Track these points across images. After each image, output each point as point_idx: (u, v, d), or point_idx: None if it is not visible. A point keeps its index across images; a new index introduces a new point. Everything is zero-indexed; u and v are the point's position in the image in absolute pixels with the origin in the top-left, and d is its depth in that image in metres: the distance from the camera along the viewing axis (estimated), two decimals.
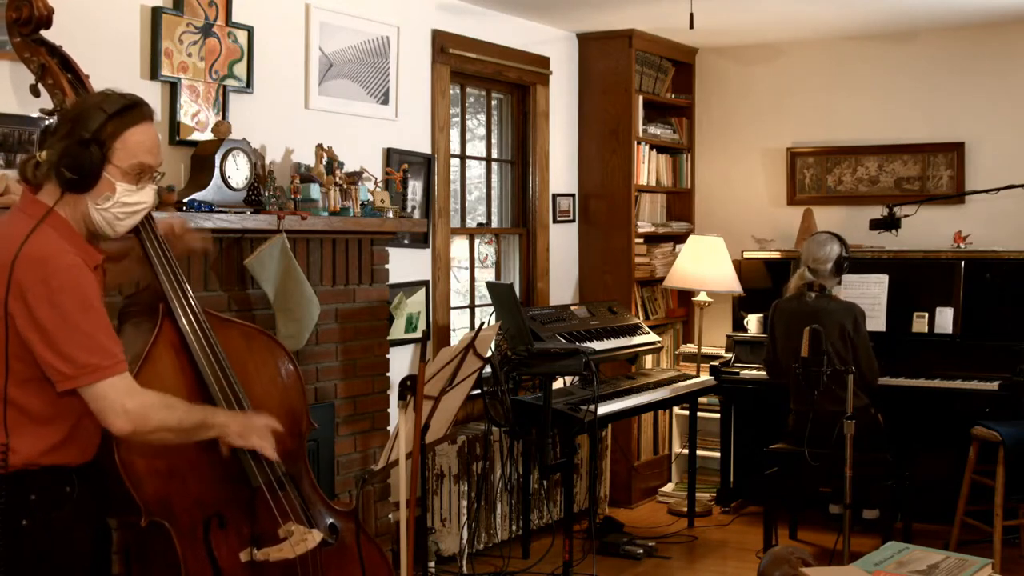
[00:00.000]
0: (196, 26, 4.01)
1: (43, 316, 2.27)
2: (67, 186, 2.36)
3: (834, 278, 5.11)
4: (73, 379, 2.31)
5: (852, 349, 4.93)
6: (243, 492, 2.79)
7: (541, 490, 5.55)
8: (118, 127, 2.39)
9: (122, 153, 2.39)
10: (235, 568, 2.76)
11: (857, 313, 5.01)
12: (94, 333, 2.32)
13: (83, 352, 2.30)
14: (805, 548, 5.18)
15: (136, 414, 2.37)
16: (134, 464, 2.61)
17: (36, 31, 2.61)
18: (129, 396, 2.37)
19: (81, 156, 2.34)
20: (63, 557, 2.41)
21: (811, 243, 5.17)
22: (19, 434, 2.33)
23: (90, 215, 2.41)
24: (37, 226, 2.31)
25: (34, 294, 2.26)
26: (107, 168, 2.38)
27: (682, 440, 6.51)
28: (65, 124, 2.39)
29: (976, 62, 6.16)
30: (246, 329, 3.02)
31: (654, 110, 6.65)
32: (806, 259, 5.13)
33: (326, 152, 4.36)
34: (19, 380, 2.33)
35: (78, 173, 2.35)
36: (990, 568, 2.36)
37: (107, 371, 2.33)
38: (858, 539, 5.14)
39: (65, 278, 2.29)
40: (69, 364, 2.29)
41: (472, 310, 5.85)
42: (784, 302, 5.18)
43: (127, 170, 2.41)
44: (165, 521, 2.66)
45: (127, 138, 2.40)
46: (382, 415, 4.66)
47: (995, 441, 4.92)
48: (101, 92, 2.49)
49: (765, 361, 5.35)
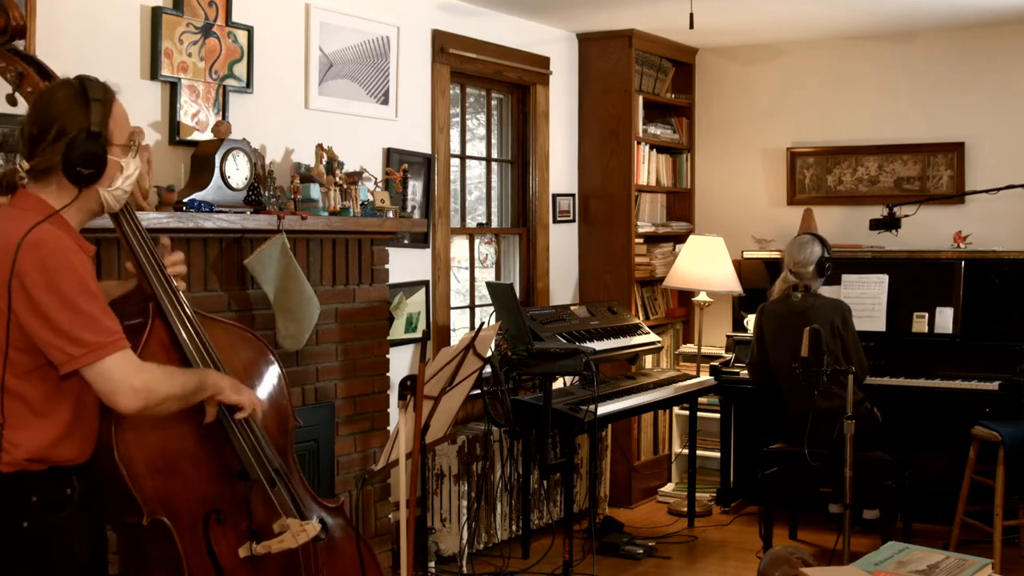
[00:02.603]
0: (196, 26, 4.01)
1: (42, 299, 2.28)
2: (85, 182, 2.39)
3: (817, 279, 5.12)
4: (77, 359, 2.31)
5: (842, 344, 4.94)
6: (240, 487, 2.80)
7: (541, 490, 5.55)
8: (108, 109, 2.43)
9: (118, 131, 2.45)
10: (235, 564, 2.77)
11: (844, 309, 5.04)
12: (93, 312, 2.33)
13: (85, 331, 2.31)
14: (805, 548, 5.18)
15: (144, 390, 2.39)
16: (134, 463, 2.61)
17: (11, 41, 2.61)
18: (135, 373, 2.38)
19: (94, 149, 2.38)
20: (63, 559, 2.41)
21: (792, 246, 5.18)
22: (19, 426, 2.33)
23: (100, 200, 2.46)
24: (42, 222, 2.32)
25: (32, 279, 2.27)
26: (110, 150, 2.43)
27: (682, 440, 6.51)
28: (48, 128, 2.37)
29: (976, 62, 6.16)
30: (229, 327, 3.02)
31: (654, 110, 6.65)
32: (788, 262, 5.15)
33: (326, 152, 4.36)
34: (19, 372, 2.33)
35: (95, 166, 2.39)
36: (990, 568, 2.36)
37: (110, 348, 2.34)
38: (858, 539, 5.14)
39: (61, 260, 2.30)
40: (72, 344, 2.30)
41: (472, 310, 5.85)
42: (771, 304, 5.19)
43: (124, 144, 2.48)
44: (166, 519, 2.66)
45: (116, 115, 2.45)
46: (382, 415, 4.66)
47: (995, 441, 4.92)
48: (60, 86, 2.47)
49: (749, 364, 5.35)
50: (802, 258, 5.09)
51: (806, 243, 5.13)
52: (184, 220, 3.63)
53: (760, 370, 5.24)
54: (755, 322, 5.28)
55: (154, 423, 2.63)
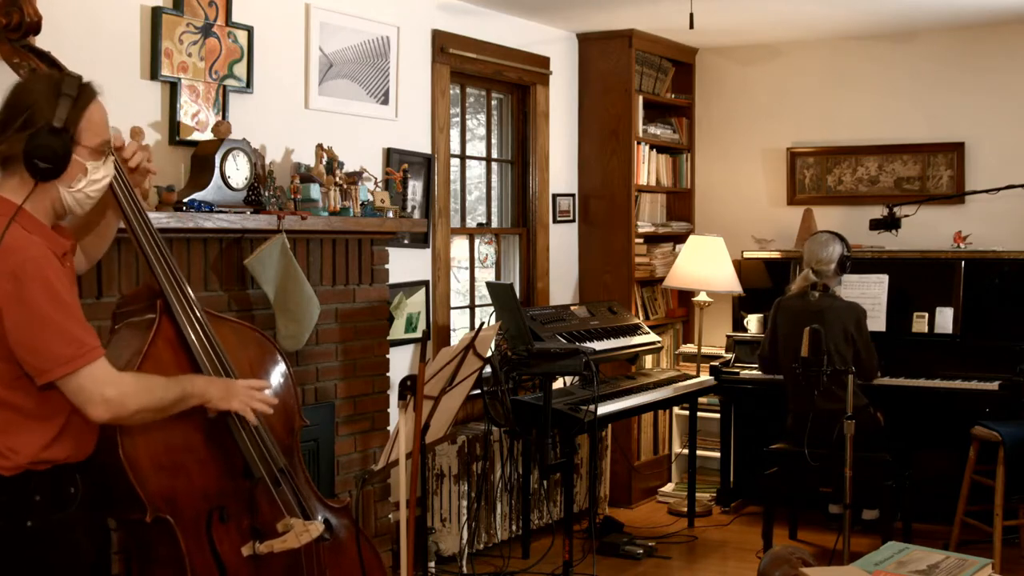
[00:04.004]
0: (196, 26, 4.00)
1: (12, 312, 2.25)
2: (41, 176, 2.34)
3: (837, 277, 5.12)
4: (48, 372, 2.29)
5: (854, 348, 4.94)
6: (244, 485, 2.81)
7: (541, 490, 5.55)
8: (82, 109, 2.37)
9: (88, 133, 2.38)
10: (238, 562, 2.77)
11: (860, 313, 5.02)
12: (64, 323, 2.30)
13: (56, 344, 2.28)
14: (805, 548, 5.18)
15: (115, 402, 2.36)
16: (139, 460, 2.62)
17: (25, 37, 2.61)
18: (107, 385, 2.35)
19: (54, 144, 2.32)
20: (67, 558, 2.41)
21: (813, 244, 5.15)
22: (16, 432, 2.33)
23: (60, 199, 2.40)
24: (8, 225, 2.27)
25: (2, 291, 2.25)
26: (76, 150, 2.37)
27: (682, 440, 6.51)
28: (17, 115, 2.34)
29: (976, 62, 6.16)
30: (238, 326, 3.03)
31: (654, 110, 6.65)
32: (809, 260, 5.12)
33: (326, 152, 4.36)
34: (6, 381, 2.31)
35: (53, 162, 2.33)
36: (990, 568, 2.36)
37: (81, 360, 2.31)
38: (858, 539, 5.14)
39: (32, 269, 2.26)
40: (42, 358, 2.28)
41: (472, 310, 5.85)
42: (787, 300, 5.17)
43: (95, 148, 2.41)
44: (170, 516, 2.66)
45: (90, 117, 2.39)
46: (382, 415, 4.66)
47: (995, 441, 4.92)
48: (43, 76, 2.45)
49: (760, 356, 5.34)
50: (824, 256, 5.07)
51: (827, 241, 5.11)
52: (184, 220, 3.62)
53: (771, 363, 5.22)
54: (770, 316, 5.26)
55: (159, 421, 2.63)
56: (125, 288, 3.51)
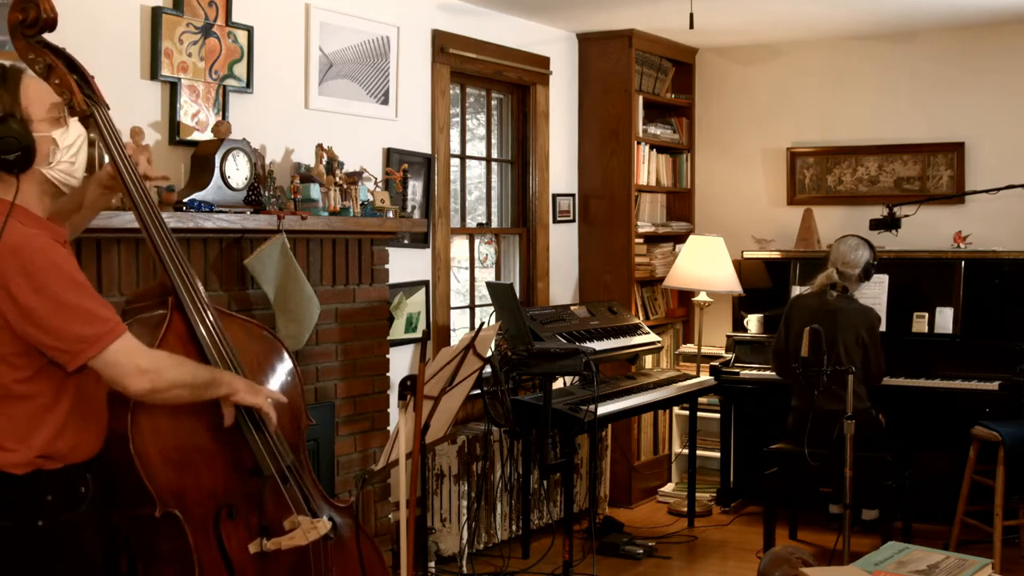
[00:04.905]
0: (196, 26, 4.00)
1: (32, 304, 2.26)
2: (17, 167, 2.32)
3: (859, 283, 5.14)
4: (80, 354, 2.31)
5: (863, 352, 4.94)
6: (252, 483, 2.82)
7: (541, 490, 5.55)
8: (14, 88, 2.34)
9: (35, 107, 2.36)
10: (245, 560, 2.77)
11: (874, 319, 5.04)
12: (84, 304, 2.31)
13: (80, 325, 2.30)
14: (805, 548, 5.18)
15: (152, 370, 2.39)
16: (149, 454, 2.62)
17: (40, 33, 2.60)
18: (139, 355, 2.39)
19: (10, 133, 2.30)
20: (77, 557, 2.41)
21: (842, 245, 5.16)
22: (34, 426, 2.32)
23: (47, 181, 2.39)
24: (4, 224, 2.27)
25: (17, 285, 2.25)
26: (33, 127, 2.34)
27: (682, 440, 6.51)
28: None
29: (976, 62, 6.16)
30: (247, 324, 3.04)
31: (654, 110, 6.65)
32: (835, 260, 5.12)
33: (326, 152, 4.36)
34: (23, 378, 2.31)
35: (19, 149, 2.31)
36: (990, 568, 2.36)
37: (109, 336, 2.33)
38: (858, 539, 5.14)
39: (41, 260, 2.27)
40: (70, 341, 2.29)
41: (472, 310, 5.85)
42: (803, 298, 5.17)
43: (49, 117, 2.38)
44: (178, 511, 2.67)
45: (26, 92, 2.36)
46: (382, 415, 4.66)
47: (995, 441, 4.92)
48: None
49: (774, 352, 5.31)
50: (852, 259, 5.09)
51: (856, 246, 5.13)
52: (184, 220, 3.63)
53: (784, 358, 5.20)
54: (785, 310, 5.26)
55: (170, 416, 2.64)
56: (125, 288, 3.51)
